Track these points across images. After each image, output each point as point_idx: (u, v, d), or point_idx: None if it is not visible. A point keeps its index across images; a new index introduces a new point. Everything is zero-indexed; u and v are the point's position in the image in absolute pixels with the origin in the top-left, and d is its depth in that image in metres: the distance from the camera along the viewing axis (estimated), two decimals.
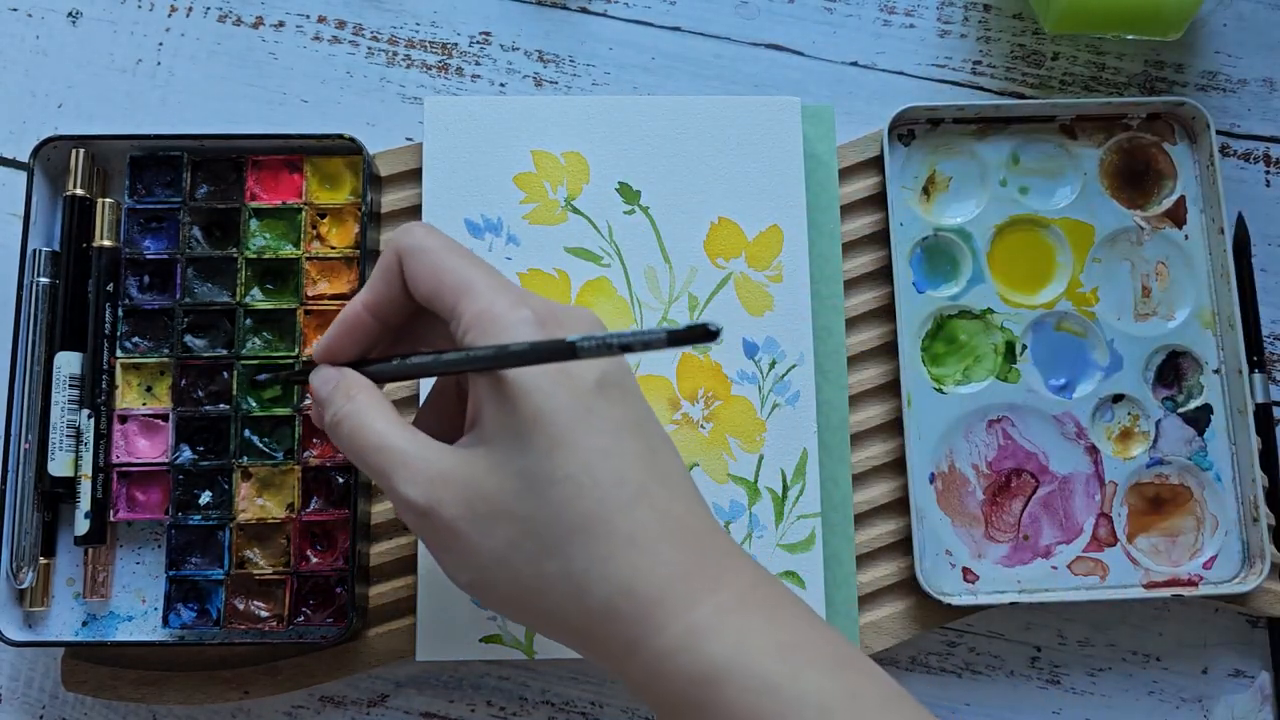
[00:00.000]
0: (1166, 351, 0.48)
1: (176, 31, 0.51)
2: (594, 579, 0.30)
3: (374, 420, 0.34)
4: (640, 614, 0.30)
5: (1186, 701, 0.47)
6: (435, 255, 0.34)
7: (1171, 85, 0.52)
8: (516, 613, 0.33)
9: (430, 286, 0.34)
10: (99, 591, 0.44)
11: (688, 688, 0.29)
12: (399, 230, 0.35)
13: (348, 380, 0.36)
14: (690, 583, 0.30)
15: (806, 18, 0.52)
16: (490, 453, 0.32)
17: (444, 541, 0.32)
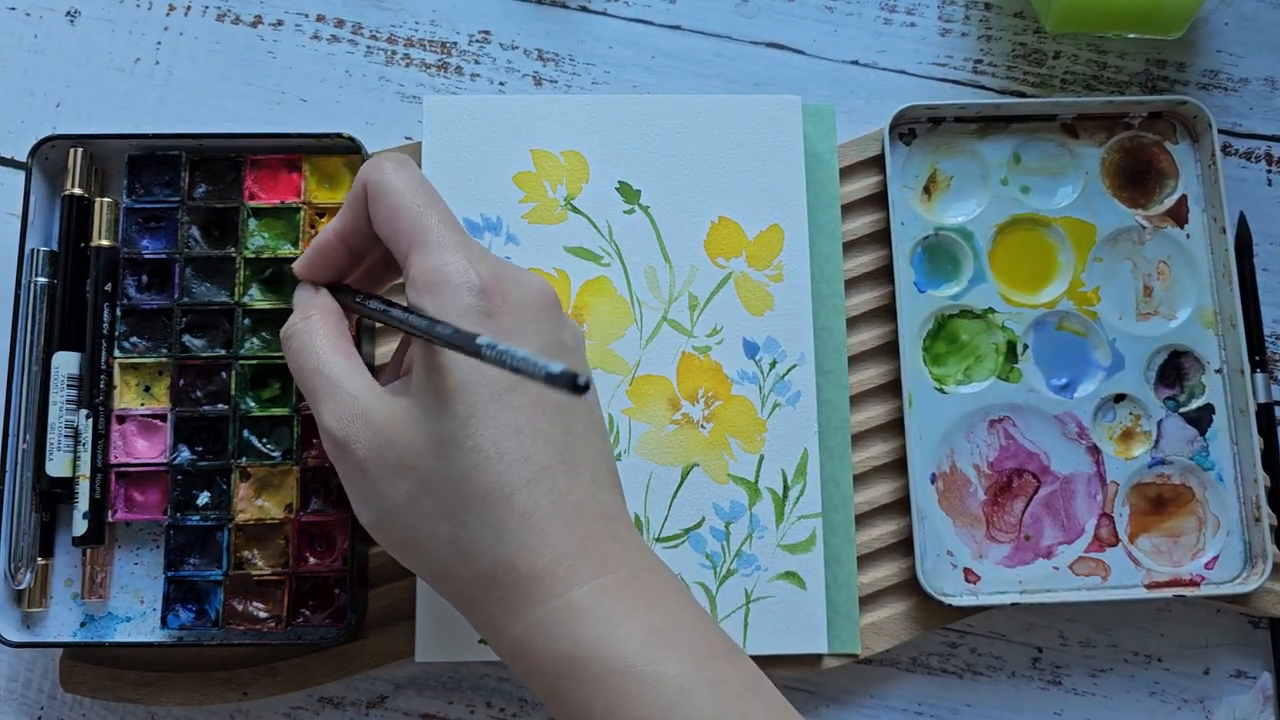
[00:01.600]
0: (1168, 351, 0.48)
1: (175, 30, 0.51)
2: (481, 548, 0.31)
3: (320, 344, 0.35)
4: (519, 587, 0.31)
5: (1188, 702, 0.47)
6: (396, 198, 0.35)
7: (1173, 84, 0.52)
8: (407, 560, 0.34)
9: (388, 230, 0.35)
10: (97, 592, 0.44)
11: (554, 663, 0.31)
12: (370, 162, 0.36)
13: (313, 301, 0.37)
14: (573, 564, 0.31)
15: (807, 16, 0.52)
16: (411, 407, 0.33)
17: (352, 477, 0.34)
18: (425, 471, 0.32)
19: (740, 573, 0.45)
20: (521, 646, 0.31)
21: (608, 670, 0.30)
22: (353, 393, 0.34)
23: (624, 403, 0.45)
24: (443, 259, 0.33)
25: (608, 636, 0.30)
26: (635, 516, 0.45)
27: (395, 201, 0.35)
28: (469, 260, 0.33)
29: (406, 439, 0.32)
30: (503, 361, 0.28)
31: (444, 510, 0.32)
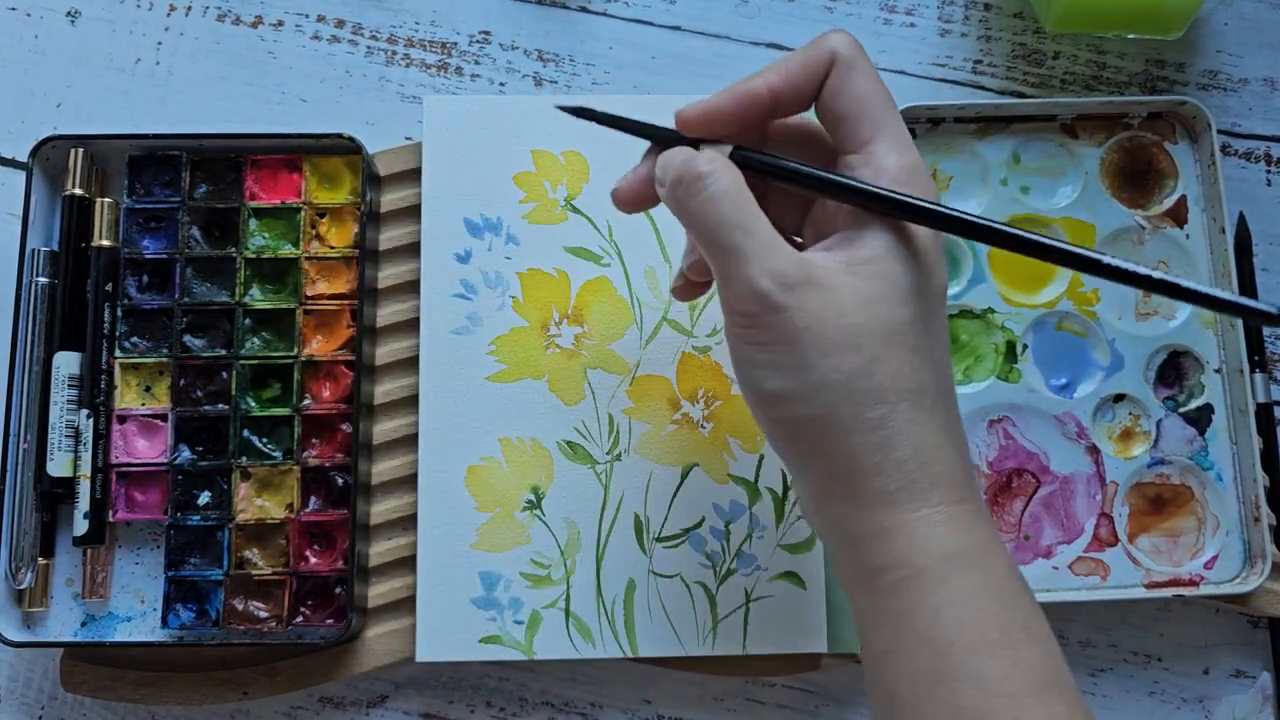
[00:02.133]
0: (1168, 351, 0.48)
1: (175, 31, 0.51)
2: (905, 439, 0.31)
3: (745, 197, 0.33)
4: (923, 481, 0.31)
5: (1188, 702, 0.47)
6: (869, 80, 0.34)
7: (1172, 84, 0.52)
8: (796, 434, 0.33)
9: (854, 108, 0.34)
10: (98, 592, 0.44)
11: (930, 560, 0.31)
12: (829, 34, 0.34)
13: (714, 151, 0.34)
14: (966, 480, 0.32)
15: (807, 17, 0.52)
16: (866, 289, 0.32)
17: (776, 343, 0.32)
18: (873, 355, 0.31)
19: (740, 572, 0.45)
20: (893, 535, 0.31)
21: (982, 585, 0.31)
22: (790, 257, 0.32)
23: (624, 403, 0.46)
24: (908, 160, 0.33)
25: (988, 554, 0.31)
26: (635, 516, 0.45)
27: (871, 85, 0.34)
28: (923, 170, 0.34)
29: (860, 319, 0.31)
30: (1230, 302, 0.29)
31: (881, 394, 0.31)
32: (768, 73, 0.34)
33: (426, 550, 0.44)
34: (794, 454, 0.34)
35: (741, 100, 0.34)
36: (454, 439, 0.45)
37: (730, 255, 0.32)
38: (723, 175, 0.33)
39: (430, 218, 0.46)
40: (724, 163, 0.33)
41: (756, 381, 0.33)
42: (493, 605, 0.44)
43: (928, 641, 0.30)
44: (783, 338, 0.31)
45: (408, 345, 0.47)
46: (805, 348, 0.31)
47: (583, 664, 0.46)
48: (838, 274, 0.32)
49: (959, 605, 0.30)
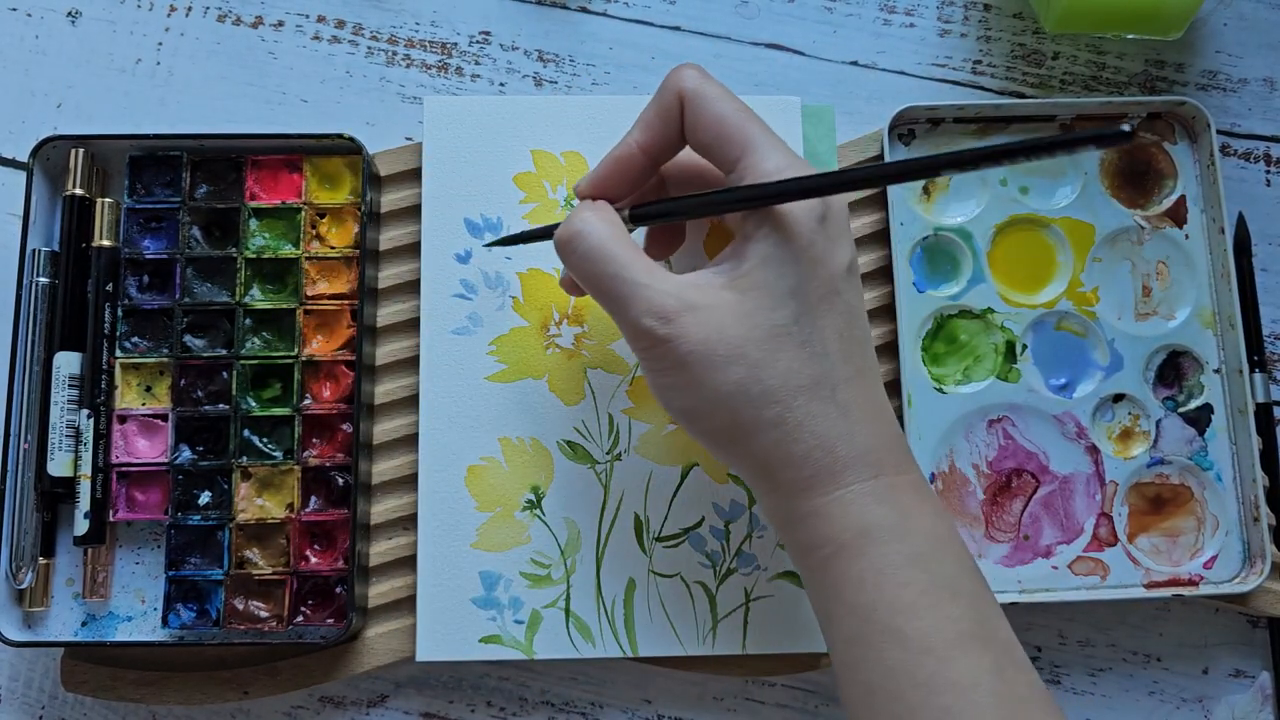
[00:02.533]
0: (1167, 351, 0.48)
1: (176, 31, 0.51)
2: (805, 431, 0.34)
3: (613, 246, 0.35)
4: (832, 467, 0.34)
5: (1187, 702, 0.47)
6: (720, 104, 0.36)
7: (1172, 85, 0.52)
8: (715, 439, 0.36)
9: (711, 135, 0.36)
10: (98, 592, 0.44)
11: (847, 535, 0.33)
12: (675, 72, 0.37)
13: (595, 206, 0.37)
14: (879, 457, 0.34)
15: (806, 17, 0.52)
16: (741, 300, 0.34)
17: (669, 372, 0.35)
18: (758, 361, 0.33)
19: (740, 572, 0.45)
20: (814, 517, 0.34)
21: (895, 552, 0.33)
22: (667, 290, 0.34)
23: (624, 403, 0.46)
24: (785, 161, 0.35)
25: (902, 524, 0.33)
26: (635, 516, 0.45)
27: (720, 108, 0.36)
28: (804, 165, 0.35)
29: (740, 331, 0.34)
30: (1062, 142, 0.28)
31: (773, 394, 0.33)
32: (633, 130, 0.38)
33: (426, 550, 0.44)
34: (722, 458, 0.37)
35: (618, 164, 0.38)
36: (454, 439, 0.45)
37: (613, 301, 0.35)
38: (593, 229, 0.36)
39: (430, 218, 0.46)
40: (596, 218, 0.36)
41: (666, 403, 0.36)
42: (493, 605, 0.44)
43: (854, 609, 0.33)
44: (674, 365, 0.34)
45: (408, 345, 0.47)
46: (695, 369, 0.34)
47: (583, 664, 0.46)
48: (718, 291, 0.34)
49: (878, 573, 0.33)
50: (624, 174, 0.38)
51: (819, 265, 0.34)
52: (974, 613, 0.33)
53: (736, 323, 0.34)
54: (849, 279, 0.35)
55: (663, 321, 0.34)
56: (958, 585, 0.33)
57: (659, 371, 0.35)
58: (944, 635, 0.32)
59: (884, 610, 0.33)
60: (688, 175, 0.40)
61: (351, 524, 0.44)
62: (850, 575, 0.33)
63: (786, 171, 0.34)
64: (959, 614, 0.32)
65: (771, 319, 0.34)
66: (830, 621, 0.34)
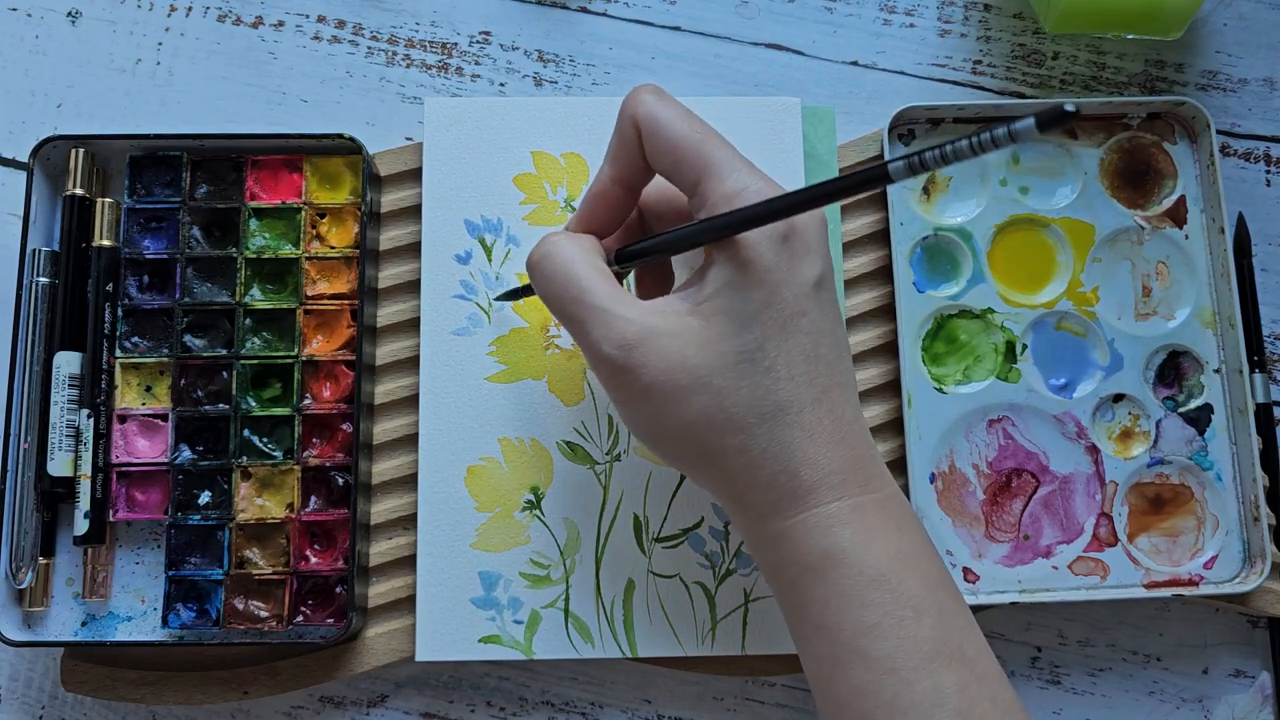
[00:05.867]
0: (1167, 351, 0.48)
1: (176, 31, 0.51)
2: (769, 457, 0.33)
3: (580, 268, 0.35)
4: (796, 491, 0.33)
5: (1187, 702, 0.47)
6: (673, 128, 0.35)
7: (1172, 85, 0.52)
8: (682, 464, 0.36)
9: (669, 161, 0.35)
10: (98, 591, 0.44)
11: (806, 558, 0.33)
12: (630, 97, 0.36)
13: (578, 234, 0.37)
14: (844, 478, 0.34)
15: (807, 17, 0.52)
16: (705, 327, 0.34)
17: (633, 401, 0.34)
18: (721, 389, 0.33)
19: (739, 573, 0.45)
20: (780, 539, 0.34)
21: (858, 574, 0.33)
22: (629, 317, 0.34)
23: None
24: (743, 181, 0.34)
25: (864, 546, 0.33)
26: (634, 516, 0.45)
27: (673, 132, 0.35)
28: (765, 182, 0.34)
29: (704, 360, 0.33)
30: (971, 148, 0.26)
31: (737, 425, 0.33)
32: (604, 164, 0.37)
33: (426, 550, 0.44)
34: (692, 480, 0.37)
35: (596, 201, 0.38)
36: (454, 439, 0.45)
37: (575, 326, 0.35)
38: (561, 251, 0.35)
39: (430, 218, 0.46)
40: (567, 242, 0.36)
41: (633, 429, 0.36)
42: (492, 605, 0.44)
43: (822, 629, 0.33)
44: (638, 394, 0.34)
45: (408, 345, 0.47)
46: (658, 400, 0.34)
47: (583, 664, 0.46)
48: (681, 317, 0.34)
49: (842, 595, 0.33)
50: (605, 209, 0.38)
51: (782, 287, 0.33)
52: (939, 631, 0.33)
53: (699, 350, 0.33)
54: (817, 296, 0.34)
55: (624, 350, 0.34)
56: (922, 603, 0.33)
57: (621, 402, 0.35)
58: (908, 656, 0.32)
59: (849, 631, 0.33)
60: (663, 205, 0.39)
61: (351, 524, 0.44)
62: (815, 596, 0.33)
63: (747, 191, 0.34)
64: (924, 634, 0.32)
65: (734, 346, 0.33)
66: (801, 639, 0.35)
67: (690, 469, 0.36)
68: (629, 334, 0.34)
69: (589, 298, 0.34)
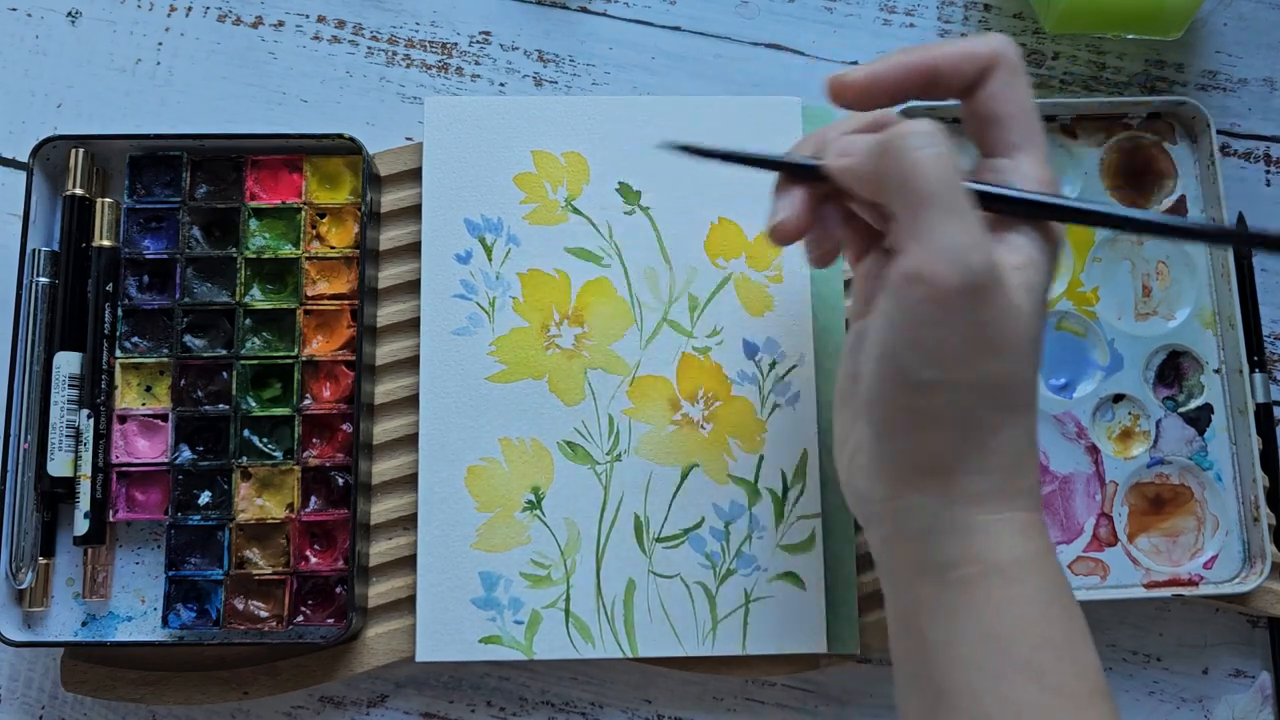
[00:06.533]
0: (1167, 351, 0.48)
1: (176, 31, 0.51)
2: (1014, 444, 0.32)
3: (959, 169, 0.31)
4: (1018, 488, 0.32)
5: (1187, 702, 0.47)
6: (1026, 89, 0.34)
7: (1172, 85, 0.52)
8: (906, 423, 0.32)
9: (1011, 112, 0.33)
10: (98, 592, 0.44)
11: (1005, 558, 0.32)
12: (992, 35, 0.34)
13: None
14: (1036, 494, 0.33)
15: (807, 17, 0.52)
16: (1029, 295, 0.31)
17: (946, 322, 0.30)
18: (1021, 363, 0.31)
19: (740, 573, 0.45)
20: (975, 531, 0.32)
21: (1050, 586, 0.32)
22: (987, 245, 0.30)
23: (624, 403, 0.46)
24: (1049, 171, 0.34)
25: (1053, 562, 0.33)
26: (635, 516, 0.45)
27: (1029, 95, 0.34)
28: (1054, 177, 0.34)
29: (1022, 324, 0.31)
30: None
31: (1011, 403, 0.32)
32: (931, 49, 0.34)
33: (426, 550, 0.44)
34: (896, 435, 0.32)
35: (904, 70, 0.34)
36: (454, 439, 0.45)
37: (946, 217, 0.30)
38: (943, 140, 0.31)
39: (430, 218, 0.46)
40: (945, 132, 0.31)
41: (906, 367, 0.31)
42: (493, 605, 0.44)
43: (993, 636, 0.31)
44: (958, 323, 0.30)
45: (408, 345, 0.47)
46: (975, 342, 0.30)
47: (583, 664, 0.46)
48: (1007, 273, 0.31)
49: (1026, 604, 0.31)
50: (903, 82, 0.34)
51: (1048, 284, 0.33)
52: (1098, 666, 0.32)
53: (1019, 314, 0.31)
54: None
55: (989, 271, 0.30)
56: (1087, 634, 0.32)
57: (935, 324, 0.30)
58: (1083, 682, 0.31)
59: (1027, 645, 0.31)
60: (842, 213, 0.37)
61: (351, 524, 0.44)
62: (994, 600, 0.31)
63: (1050, 183, 0.33)
64: (1090, 664, 0.32)
65: (1039, 324, 0.32)
66: (952, 645, 0.32)
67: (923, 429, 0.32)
68: (984, 261, 0.30)
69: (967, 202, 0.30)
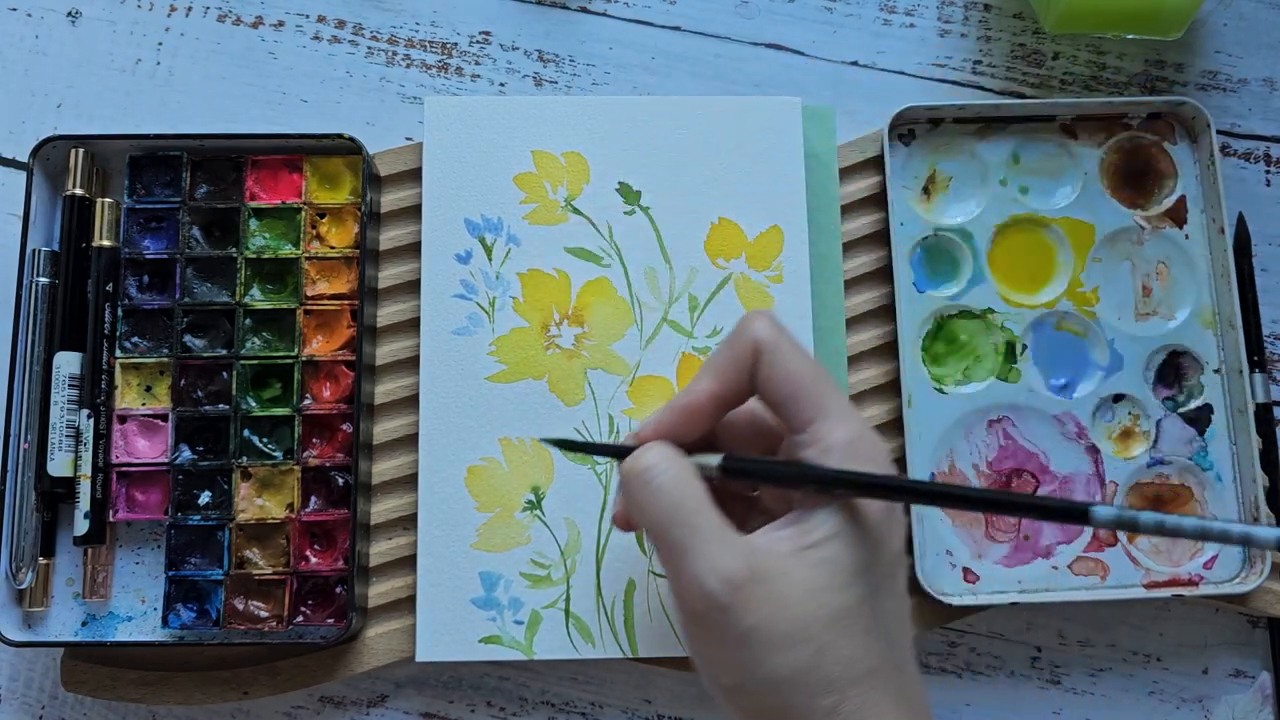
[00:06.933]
0: (1167, 351, 0.48)
1: (176, 31, 0.51)
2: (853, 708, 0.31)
3: (691, 488, 0.33)
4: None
5: (1187, 702, 0.47)
6: (795, 360, 0.34)
7: (1172, 85, 0.52)
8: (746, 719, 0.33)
9: (786, 392, 0.34)
10: (98, 592, 0.44)
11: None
12: (749, 323, 0.35)
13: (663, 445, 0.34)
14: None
15: (807, 17, 0.52)
16: (813, 577, 0.31)
17: (724, 642, 0.31)
18: (823, 644, 0.31)
19: None
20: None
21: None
22: (737, 552, 0.31)
23: (624, 403, 0.46)
24: (853, 430, 0.33)
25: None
26: None
27: (795, 365, 0.34)
28: (869, 430, 0.34)
29: (807, 609, 0.31)
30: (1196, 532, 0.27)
31: (832, 683, 0.31)
32: (703, 378, 0.35)
33: (426, 550, 0.44)
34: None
35: (686, 413, 0.35)
36: (454, 439, 0.45)
37: (676, 552, 0.32)
38: (667, 469, 0.33)
39: (430, 218, 0.46)
40: (670, 456, 0.33)
41: (710, 677, 0.33)
42: (493, 605, 0.44)
43: None
44: (732, 638, 0.31)
45: (408, 345, 0.47)
46: (754, 646, 0.31)
47: (583, 664, 0.46)
48: (786, 559, 0.32)
49: None
50: (692, 422, 0.35)
51: (885, 544, 0.32)
52: None
53: (805, 598, 0.31)
54: (903, 558, 0.34)
55: (728, 587, 0.31)
56: None
57: (710, 642, 0.32)
58: None
59: None
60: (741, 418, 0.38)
61: (351, 524, 0.44)
62: None
63: (856, 443, 0.33)
64: None
65: (839, 600, 0.31)
66: None
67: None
68: (736, 571, 0.31)
69: (697, 520, 0.32)
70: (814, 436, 0.33)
